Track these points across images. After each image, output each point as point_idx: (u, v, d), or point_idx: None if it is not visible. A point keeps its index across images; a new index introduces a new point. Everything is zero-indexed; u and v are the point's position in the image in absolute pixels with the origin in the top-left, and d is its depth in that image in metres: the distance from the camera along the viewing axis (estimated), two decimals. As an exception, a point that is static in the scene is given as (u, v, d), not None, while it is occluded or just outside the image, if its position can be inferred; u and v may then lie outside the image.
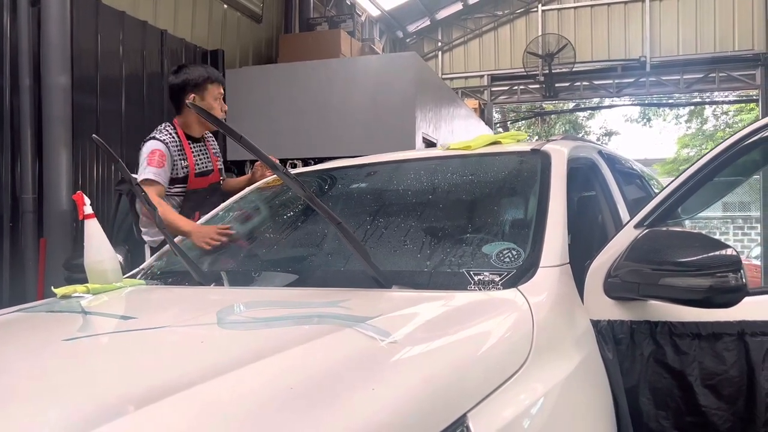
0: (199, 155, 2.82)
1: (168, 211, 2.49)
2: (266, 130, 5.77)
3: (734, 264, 1.28)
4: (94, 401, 0.86)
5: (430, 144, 5.88)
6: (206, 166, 2.83)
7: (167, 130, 2.77)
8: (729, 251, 1.30)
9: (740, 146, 1.51)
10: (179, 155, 2.75)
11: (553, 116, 17.84)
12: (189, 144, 2.80)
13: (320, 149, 5.62)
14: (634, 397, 1.43)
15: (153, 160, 2.64)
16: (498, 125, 12.54)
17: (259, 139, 5.29)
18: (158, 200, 2.53)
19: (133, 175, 2.33)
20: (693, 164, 1.55)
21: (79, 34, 4.46)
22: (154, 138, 2.74)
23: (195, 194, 2.82)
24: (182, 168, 2.77)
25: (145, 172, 2.64)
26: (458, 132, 7.16)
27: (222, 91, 2.89)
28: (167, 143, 2.71)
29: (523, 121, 16.58)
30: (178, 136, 2.77)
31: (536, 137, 15.34)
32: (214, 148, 2.96)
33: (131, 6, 5.11)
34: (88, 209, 1.81)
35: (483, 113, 10.33)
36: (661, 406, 1.44)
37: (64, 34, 4.09)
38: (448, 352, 1.09)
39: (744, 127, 1.56)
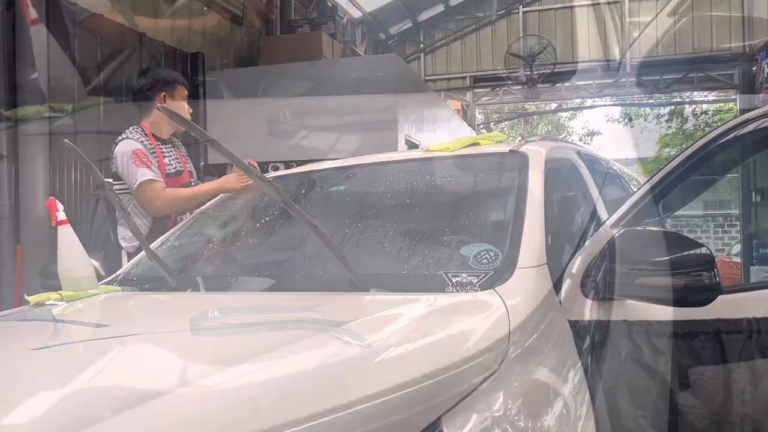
0: (168, 157, 2.79)
1: (191, 189, 2.65)
2: (248, 133, 5.73)
3: (708, 263, 1.29)
4: (61, 412, 0.85)
5: (412, 146, 5.89)
6: (177, 167, 2.80)
7: (136, 132, 2.73)
8: (703, 250, 1.31)
9: (714, 145, 1.53)
10: (152, 157, 2.71)
11: (535, 117, 17.94)
12: (158, 145, 2.76)
13: (302, 152, 5.59)
14: (612, 396, 1.44)
15: (141, 161, 2.60)
16: (481, 126, 12.58)
17: (241, 141, 5.31)
18: (171, 189, 2.64)
19: (107, 180, 2.30)
20: (668, 164, 1.56)
21: (56, 38, 4.39)
22: (127, 138, 2.68)
23: None
24: None
25: (139, 174, 2.58)
26: (441, 133, 7.17)
27: (187, 94, 2.92)
28: (142, 143, 2.68)
29: (506, 122, 16.66)
30: (147, 139, 2.73)
31: (519, 138, 15.44)
32: (182, 150, 2.93)
33: (109, 9, 5.05)
34: (61, 215, 1.78)
35: (466, 114, 10.37)
36: (638, 405, 1.44)
37: (39, 37, 4.03)
38: (423, 355, 1.08)
39: (718, 126, 1.58)
